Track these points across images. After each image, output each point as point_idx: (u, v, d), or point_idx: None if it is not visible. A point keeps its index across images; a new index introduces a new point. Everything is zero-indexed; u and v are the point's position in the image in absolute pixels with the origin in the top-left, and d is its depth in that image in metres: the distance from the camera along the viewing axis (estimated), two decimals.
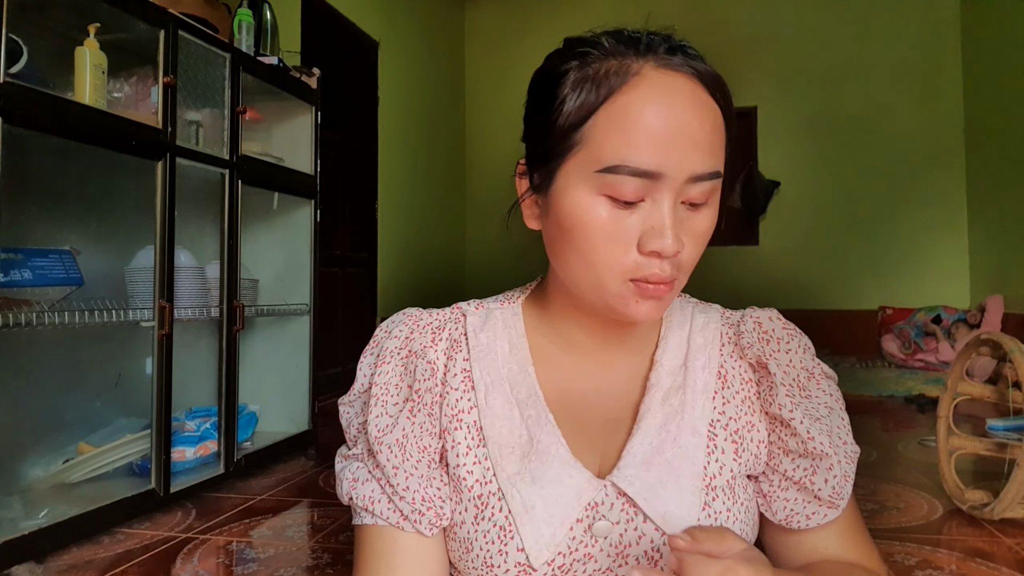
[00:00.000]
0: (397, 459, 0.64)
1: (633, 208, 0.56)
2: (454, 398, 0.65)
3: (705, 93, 0.57)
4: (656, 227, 0.56)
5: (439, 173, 5.57)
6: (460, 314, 0.70)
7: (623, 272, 0.57)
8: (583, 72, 0.57)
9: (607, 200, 0.56)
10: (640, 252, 0.56)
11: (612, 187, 0.55)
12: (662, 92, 0.55)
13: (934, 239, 5.13)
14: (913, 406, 3.52)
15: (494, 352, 0.67)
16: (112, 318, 1.75)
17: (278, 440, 2.40)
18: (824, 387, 0.67)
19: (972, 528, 1.75)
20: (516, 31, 5.93)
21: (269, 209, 2.46)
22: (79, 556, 1.60)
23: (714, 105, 0.57)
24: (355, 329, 4.12)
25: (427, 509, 0.63)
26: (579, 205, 0.57)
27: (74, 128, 1.62)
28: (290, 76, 2.45)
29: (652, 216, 0.56)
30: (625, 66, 0.56)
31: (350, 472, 0.67)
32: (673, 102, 0.55)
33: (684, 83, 0.56)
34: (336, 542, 1.70)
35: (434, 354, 0.67)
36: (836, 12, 5.35)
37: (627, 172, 0.55)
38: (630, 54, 0.57)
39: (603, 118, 0.56)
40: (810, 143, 5.38)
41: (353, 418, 0.70)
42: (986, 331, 2.44)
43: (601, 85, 0.56)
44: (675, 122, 0.55)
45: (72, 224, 1.99)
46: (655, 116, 0.54)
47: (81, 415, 2.01)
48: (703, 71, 0.57)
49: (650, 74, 0.56)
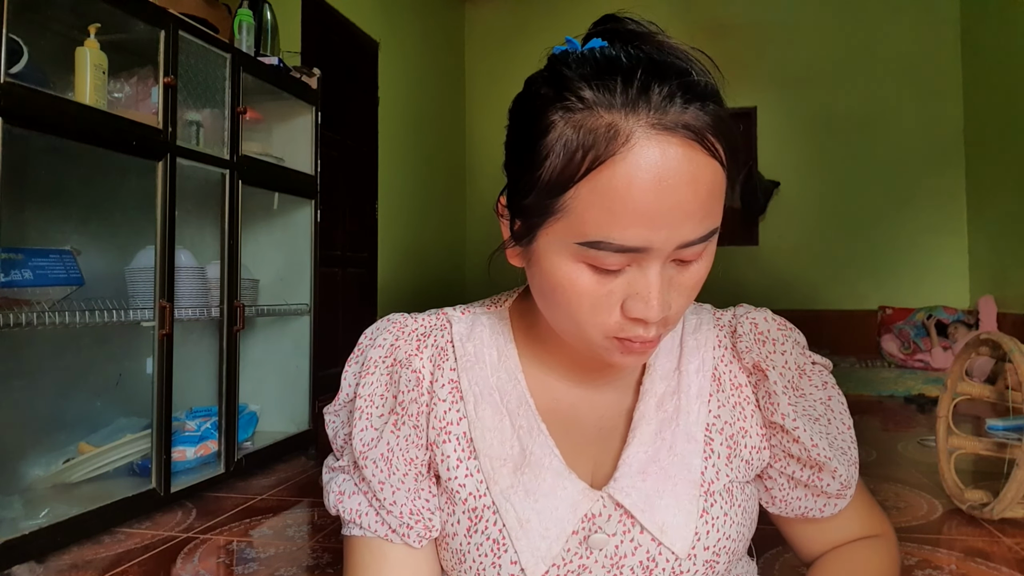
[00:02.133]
0: (383, 473, 0.63)
1: (618, 274, 0.53)
2: (442, 409, 0.63)
3: (702, 153, 0.51)
4: (641, 293, 0.53)
5: (439, 173, 5.57)
6: (446, 320, 0.68)
7: (606, 331, 0.55)
8: (567, 126, 0.51)
9: (587, 268, 0.53)
10: (624, 317, 0.54)
11: (595, 259, 0.52)
12: (652, 165, 0.49)
13: (934, 239, 5.13)
14: (913, 406, 3.52)
15: (482, 361, 0.65)
16: (112, 318, 1.75)
17: (278, 440, 2.41)
18: (816, 380, 0.67)
19: (972, 528, 1.75)
20: (516, 31, 5.93)
21: (269, 209, 2.46)
22: (79, 556, 1.60)
23: (711, 161, 0.51)
24: (355, 329, 4.09)
25: (415, 522, 0.62)
26: (560, 269, 0.54)
27: (74, 128, 1.62)
28: (290, 76, 2.45)
29: (637, 282, 0.53)
30: (613, 129, 0.50)
31: (336, 485, 0.66)
32: (664, 175, 0.49)
33: (678, 149, 0.50)
34: (336, 542, 1.70)
35: (419, 362, 0.65)
36: (836, 12, 5.35)
37: (611, 249, 0.51)
38: (617, 106, 0.50)
39: (586, 189, 0.50)
40: (810, 143, 5.39)
41: (339, 428, 0.68)
42: (986, 331, 2.44)
43: (587, 151, 0.50)
44: (666, 198, 0.49)
45: (72, 224, 1.99)
46: (643, 193, 0.49)
47: (81, 415, 2.02)
48: (700, 124, 0.50)
49: (640, 141, 0.49)
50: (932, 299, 5.02)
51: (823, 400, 0.66)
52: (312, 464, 2.44)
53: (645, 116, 0.50)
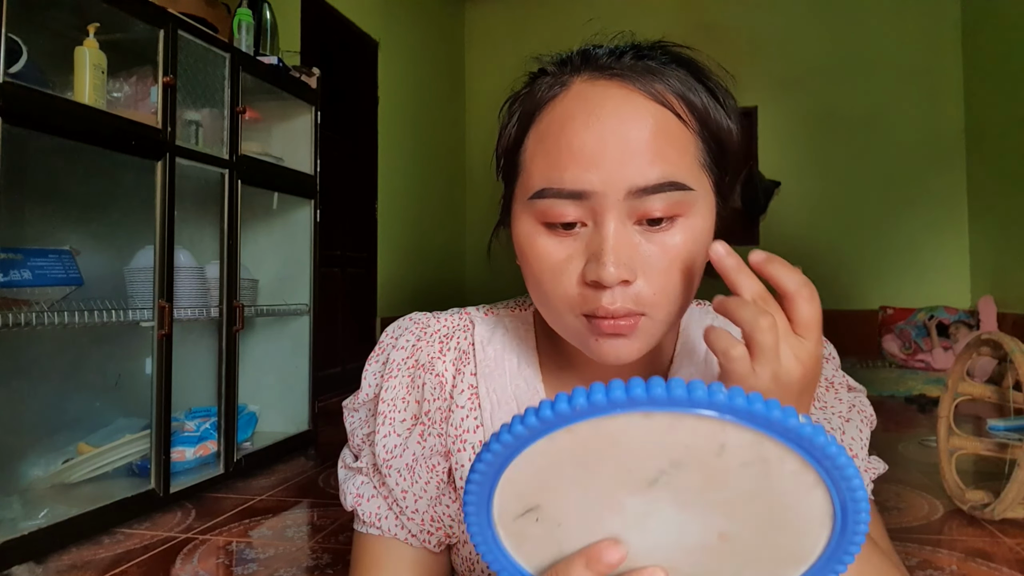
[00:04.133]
0: (406, 482, 0.62)
1: (575, 235, 0.51)
2: (459, 417, 0.62)
3: (645, 97, 0.50)
4: (595, 252, 0.49)
5: (439, 173, 5.57)
6: (468, 321, 0.66)
7: (572, 306, 0.52)
8: (527, 96, 0.55)
9: (545, 228, 0.52)
10: (584, 283, 0.51)
11: (544, 213, 0.51)
12: (586, 103, 0.50)
13: (934, 239, 5.13)
14: (914, 406, 3.51)
15: (502, 367, 0.63)
16: (112, 318, 1.75)
17: (278, 440, 2.40)
18: (843, 397, 0.64)
19: (973, 528, 1.75)
20: (516, 31, 5.93)
21: (269, 209, 2.46)
22: (79, 556, 1.60)
23: (662, 110, 0.50)
24: (355, 329, 4.12)
25: (436, 529, 0.62)
26: (522, 235, 0.53)
27: (74, 128, 1.62)
28: (290, 76, 2.45)
29: (593, 241, 0.50)
30: (556, 82, 0.52)
31: (354, 487, 0.65)
32: (600, 113, 0.49)
33: (616, 91, 0.50)
34: (336, 542, 1.70)
35: (442, 366, 0.63)
36: (836, 12, 5.35)
37: (552, 195, 0.50)
38: (566, 71, 0.53)
39: (532, 141, 0.52)
40: (810, 143, 5.38)
41: (357, 426, 0.67)
42: (986, 331, 2.44)
43: (531, 107, 0.53)
44: (602, 133, 0.49)
45: (72, 224, 1.99)
46: (576, 131, 0.49)
47: (81, 415, 2.01)
48: (644, 72, 0.50)
49: (577, 87, 0.51)
50: (933, 299, 5.02)
51: (842, 415, 0.63)
52: (312, 464, 2.44)
53: (588, 72, 0.52)
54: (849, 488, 0.33)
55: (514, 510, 0.37)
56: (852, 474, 0.33)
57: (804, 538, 0.36)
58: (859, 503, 0.34)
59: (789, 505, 0.35)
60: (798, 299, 0.46)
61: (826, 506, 0.34)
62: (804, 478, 0.34)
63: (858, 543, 0.35)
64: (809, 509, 0.35)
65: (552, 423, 0.33)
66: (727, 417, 0.32)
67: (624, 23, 0.60)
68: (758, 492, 0.34)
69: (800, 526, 0.35)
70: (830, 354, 0.66)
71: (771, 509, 0.35)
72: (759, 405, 0.31)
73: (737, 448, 0.33)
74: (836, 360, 0.66)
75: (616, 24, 0.59)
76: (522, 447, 0.34)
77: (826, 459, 0.32)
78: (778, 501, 0.35)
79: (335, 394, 3.66)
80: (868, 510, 0.34)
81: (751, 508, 0.35)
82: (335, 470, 0.69)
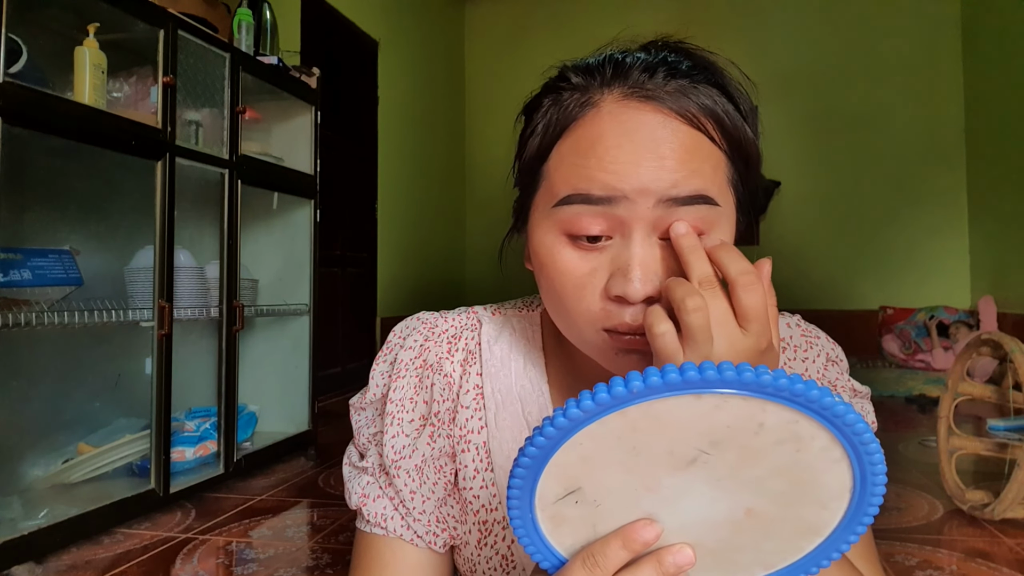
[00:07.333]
0: (415, 483, 0.62)
1: (601, 248, 0.50)
2: (464, 417, 0.61)
3: (681, 122, 0.50)
4: (622, 267, 0.49)
5: (439, 173, 5.56)
6: (476, 320, 0.66)
7: (593, 321, 0.51)
8: (552, 105, 0.54)
9: (569, 240, 0.51)
10: (607, 298, 0.50)
11: (569, 223, 0.50)
12: (621, 126, 0.49)
13: (934, 239, 5.13)
14: (914, 406, 3.51)
15: (507, 368, 0.62)
16: (112, 318, 1.75)
17: (278, 440, 2.40)
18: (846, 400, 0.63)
19: (973, 528, 1.75)
20: (516, 31, 5.93)
21: (269, 209, 2.46)
22: (79, 556, 1.60)
23: (692, 131, 0.50)
24: (355, 329, 4.12)
25: (442, 531, 0.62)
26: (544, 245, 0.52)
27: (74, 128, 1.62)
28: (290, 76, 2.45)
29: (620, 256, 0.49)
30: (587, 98, 0.52)
31: (360, 486, 0.65)
32: (632, 128, 0.49)
33: (651, 117, 0.49)
34: (336, 542, 1.70)
35: (450, 366, 0.63)
36: (836, 12, 5.34)
37: (579, 201, 0.49)
38: (596, 84, 0.52)
39: (558, 154, 0.52)
40: (810, 143, 5.38)
41: (364, 425, 0.67)
42: (987, 331, 2.44)
43: (560, 119, 0.52)
44: (634, 142, 0.48)
45: (72, 224, 1.99)
46: (608, 144, 0.49)
47: (81, 415, 2.01)
48: (679, 97, 0.50)
49: (608, 107, 0.50)
50: (933, 299, 5.01)
51: None
52: (312, 465, 2.44)
53: (620, 89, 0.51)
54: (871, 462, 0.35)
55: (555, 493, 0.38)
56: (875, 449, 0.35)
57: (823, 511, 0.38)
58: (877, 476, 0.36)
59: (813, 480, 0.36)
60: (737, 287, 0.46)
61: (847, 480, 0.36)
62: (831, 453, 0.35)
63: (872, 514, 0.37)
64: (830, 482, 0.36)
65: (609, 405, 0.34)
66: (769, 397, 0.33)
67: (624, 23, 0.60)
68: (787, 468, 0.36)
69: (821, 499, 0.37)
70: (838, 357, 0.65)
71: (796, 484, 0.37)
72: (800, 385, 0.33)
73: (774, 426, 0.34)
74: (844, 363, 0.65)
75: (616, 24, 0.58)
76: (575, 430, 0.35)
77: (855, 435, 0.34)
78: (803, 476, 0.36)
79: (335, 394, 3.66)
80: (884, 483, 0.36)
81: (777, 483, 0.37)
82: (335, 470, 0.69)
